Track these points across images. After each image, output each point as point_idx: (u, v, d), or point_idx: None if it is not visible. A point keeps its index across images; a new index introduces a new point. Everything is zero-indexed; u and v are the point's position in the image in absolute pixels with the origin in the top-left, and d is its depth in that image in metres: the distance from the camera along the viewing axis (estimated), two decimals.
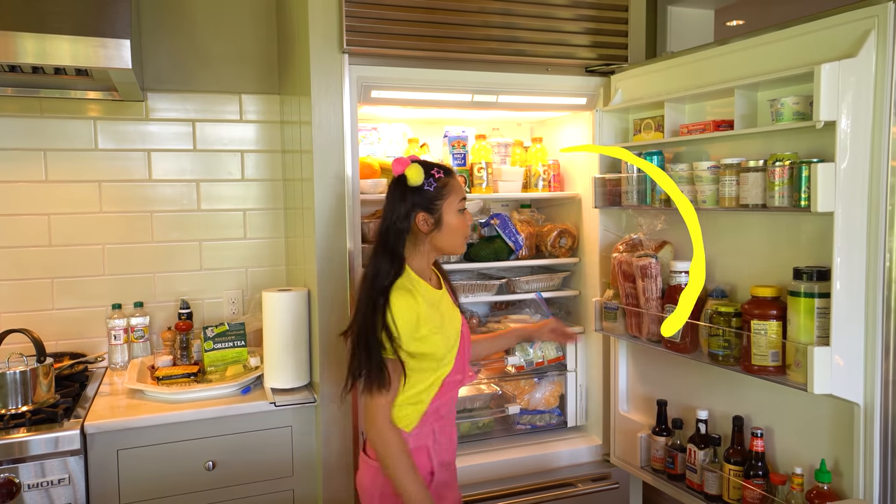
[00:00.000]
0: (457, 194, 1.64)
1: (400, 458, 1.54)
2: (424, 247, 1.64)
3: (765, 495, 1.71)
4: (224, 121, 2.52)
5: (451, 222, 1.62)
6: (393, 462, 1.53)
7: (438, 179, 1.62)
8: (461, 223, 1.64)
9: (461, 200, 1.65)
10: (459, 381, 1.69)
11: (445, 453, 1.68)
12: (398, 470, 1.53)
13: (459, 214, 1.64)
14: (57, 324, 2.37)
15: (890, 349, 1.48)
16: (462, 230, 1.65)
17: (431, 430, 1.64)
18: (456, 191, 1.64)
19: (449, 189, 1.63)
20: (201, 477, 1.96)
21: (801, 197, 1.51)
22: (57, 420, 1.85)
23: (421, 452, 1.62)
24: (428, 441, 1.63)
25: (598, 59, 2.23)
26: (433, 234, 1.62)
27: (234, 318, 2.53)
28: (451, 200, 1.62)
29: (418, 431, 1.62)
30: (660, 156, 2.00)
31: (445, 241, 1.64)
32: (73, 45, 1.84)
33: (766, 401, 1.79)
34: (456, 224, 1.63)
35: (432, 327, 1.59)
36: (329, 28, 1.96)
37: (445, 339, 1.62)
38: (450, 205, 1.62)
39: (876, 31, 1.43)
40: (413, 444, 1.61)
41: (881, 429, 1.49)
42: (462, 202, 1.65)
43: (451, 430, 1.71)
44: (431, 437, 1.64)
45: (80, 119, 2.36)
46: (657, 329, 1.96)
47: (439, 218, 1.61)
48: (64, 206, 2.36)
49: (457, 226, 1.63)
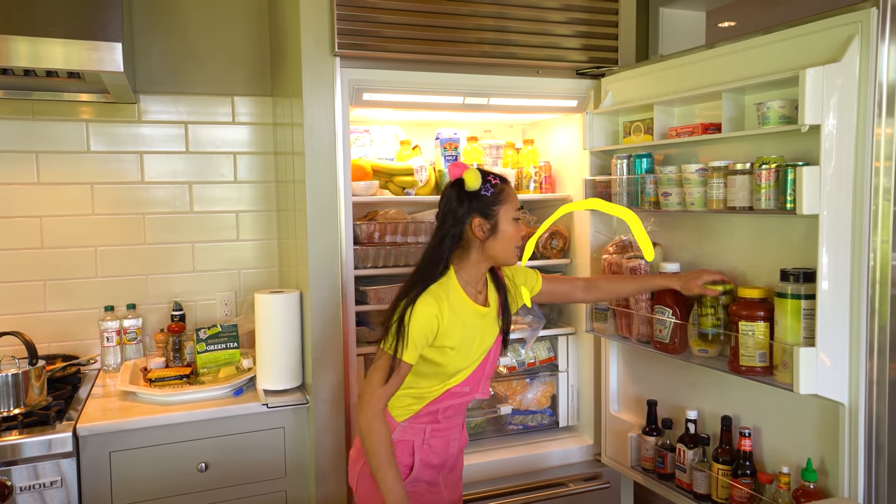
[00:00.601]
0: (512, 203, 1.62)
1: (382, 449, 1.56)
2: (476, 255, 1.62)
3: (752, 494, 1.73)
4: (216, 123, 2.52)
5: (506, 230, 1.60)
6: (375, 452, 1.56)
7: (495, 185, 1.60)
8: (516, 232, 1.61)
9: (517, 210, 1.63)
10: (467, 394, 1.67)
11: (435, 456, 1.67)
12: (379, 460, 1.55)
13: (514, 223, 1.62)
14: (49, 326, 2.37)
15: (874, 349, 1.50)
16: (516, 239, 1.62)
17: (422, 429, 1.65)
18: (511, 199, 1.62)
19: (505, 196, 1.61)
20: (194, 478, 1.97)
21: (787, 199, 1.53)
22: (49, 422, 1.85)
23: (405, 446, 1.64)
24: (416, 438, 1.64)
25: (589, 62, 2.24)
26: (488, 242, 1.60)
27: (227, 319, 2.54)
28: (507, 208, 1.60)
29: (408, 426, 1.64)
30: (649, 158, 2.01)
31: (499, 250, 1.61)
32: (65, 49, 1.84)
33: (754, 401, 1.81)
34: (511, 232, 1.60)
35: (451, 342, 1.58)
36: (320, 31, 1.97)
37: (462, 358, 1.62)
38: (506, 212, 1.60)
39: (859, 35, 1.45)
40: (399, 436, 1.63)
41: (865, 428, 1.51)
42: (518, 211, 1.63)
43: (448, 436, 1.69)
44: (421, 436, 1.65)
45: (73, 121, 2.36)
46: (647, 330, 1.98)
47: (495, 224, 1.59)
48: (56, 208, 2.36)
49: (511, 234, 1.60)
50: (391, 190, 2.34)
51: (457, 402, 1.67)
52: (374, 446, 1.56)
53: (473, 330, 1.63)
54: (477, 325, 1.63)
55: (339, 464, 2.06)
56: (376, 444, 1.56)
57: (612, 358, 2.30)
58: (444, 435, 1.68)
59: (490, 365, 1.71)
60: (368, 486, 1.64)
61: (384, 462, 1.55)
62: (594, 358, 2.38)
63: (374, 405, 1.56)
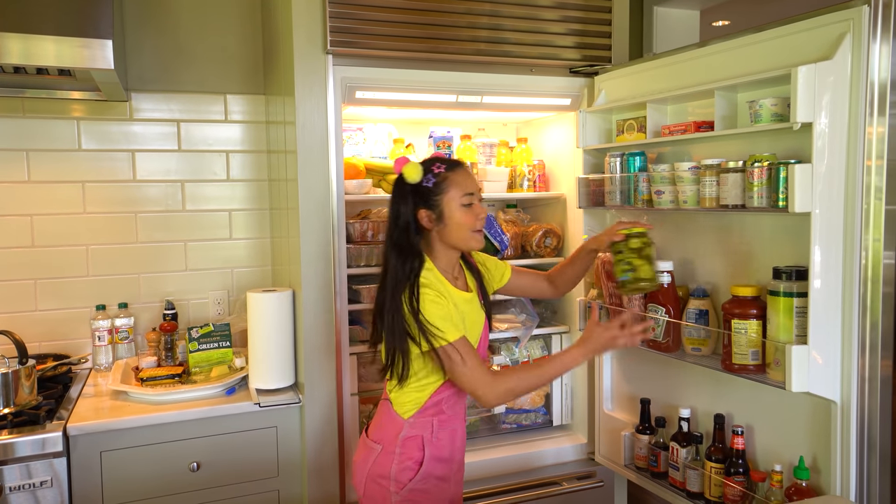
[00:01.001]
0: (458, 187, 1.60)
1: (527, 375, 1.60)
2: (438, 244, 1.64)
3: (745, 492, 1.73)
4: (209, 121, 2.51)
5: (453, 216, 1.60)
6: (530, 379, 1.59)
7: (438, 174, 1.60)
8: (465, 216, 1.60)
9: (466, 195, 1.60)
10: None
11: (444, 449, 1.68)
12: (539, 373, 1.60)
13: (463, 208, 1.60)
14: (40, 325, 2.35)
15: (866, 347, 1.50)
16: (466, 224, 1.60)
17: (430, 422, 1.65)
18: (457, 184, 1.60)
19: (449, 183, 1.60)
20: (186, 478, 1.96)
21: (780, 197, 1.53)
22: (39, 422, 1.84)
23: (414, 441, 1.64)
24: (424, 432, 1.65)
25: (582, 60, 2.24)
26: (439, 230, 1.61)
27: (220, 318, 2.53)
28: (451, 195, 1.59)
29: (415, 420, 1.64)
30: (642, 156, 2.01)
31: (453, 237, 1.62)
32: (56, 46, 1.83)
33: (747, 399, 1.81)
34: (458, 218, 1.60)
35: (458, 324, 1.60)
36: (313, 28, 1.96)
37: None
38: (451, 199, 1.59)
39: (851, 34, 1.45)
40: (407, 433, 1.64)
41: (857, 426, 1.51)
42: (467, 196, 1.61)
43: (453, 428, 1.70)
44: (429, 429, 1.66)
45: (64, 119, 2.35)
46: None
47: (441, 213, 1.60)
48: (47, 206, 2.34)
49: (460, 220, 1.60)
50: (384, 188, 2.33)
51: (458, 390, 1.68)
52: (526, 382, 1.59)
53: (466, 312, 1.65)
54: (467, 311, 1.65)
55: (331, 463, 2.05)
56: (523, 380, 1.59)
57: (606, 356, 2.30)
58: (450, 426, 1.69)
59: (482, 349, 1.73)
60: (376, 487, 1.64)
61: (541, 370, 1.59)
62: None
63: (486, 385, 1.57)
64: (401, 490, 1.62)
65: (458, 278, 1.70)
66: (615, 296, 2.06)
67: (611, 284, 2.07)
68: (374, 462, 1.65)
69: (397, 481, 1.63)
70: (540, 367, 1.60)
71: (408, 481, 1.62)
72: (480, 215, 1.63)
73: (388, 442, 1.65)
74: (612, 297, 2.08)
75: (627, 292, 1.81)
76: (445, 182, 1.60)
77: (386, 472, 1.63)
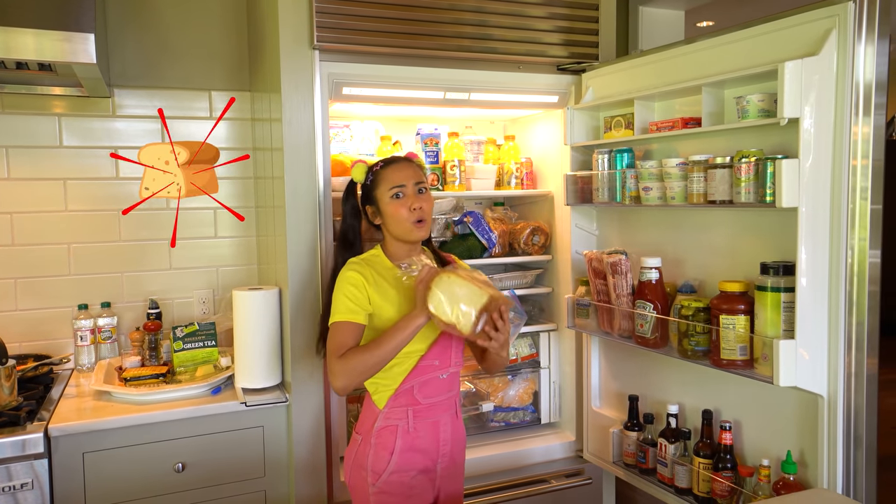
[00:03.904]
0: (387, 181, 1.69)
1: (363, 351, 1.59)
2: (387, 236, 1.75)
3: (733, 487, 1.74)
4: (194, 118, 2.48)
5: (386, 210, 1.70)
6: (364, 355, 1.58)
7: (375, 172, 1.72)
8: (395, 209, 1.68)
9: (392, 187, 1.68)
10: (437, 368, 1.68)
11: (423, 440, 1.67)
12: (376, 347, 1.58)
13: (393, 200, 1.68)
14: (21, 325, 2.31)
15: (852, 343, 1.51)
16: (397, 215, 1.68)
17: (404, 412, 1.66)
18: (386, 179, 1.70)
19: (380, 178, 1.71)
20: (171, 479, 1.93)
21: (767, 193, 1.54)
22: (20, 423, 1.80)
23: (388, 431, 1.65)
24: (399, 422, 1.66)
25: (570, 58, 2.24)
26: (384, 224, 1.73)
27: (205, 317, 2.50)
28: (382, 189, 1.70)
29: (390, 409, 1.66)
30: (630, 153, 2.02)
31: (393, 229, 1.71)
32: (37, 39, 1.79)
33: (735, 394, 1.82)
34: (390, 211, 1.69)
35: (389, 307, 1.65)
36: (299, 24, 1.94)
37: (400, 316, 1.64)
38: (382, 193, 1.70)
39: (837, 29, 1.46)
40: (382, 423, 1.66)
41: (844, 420, 1.52)
42: (394, 188, 1.68)
43: (434, 420, 1.69)
44: (404, 419, 1.66)
45: (44, 115, 2.30)
46: (629, 325, 1.98)
47: (378, 208, 1.72)
48: (27, 204, 2.30)
49: (391, 213, 1.69)
50: None
51: (430, 378, 1.68)
52: (360, 358, 1.58)
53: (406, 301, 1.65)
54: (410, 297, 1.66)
55: (318, 462, 2.03)
56: (357, 357, 1.58)
57: (594, 354, 2.30)
58: (430, 417, 1.69)
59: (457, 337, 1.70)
60: (357, 478, 1.68)
61: (378, 343, 1.58)
62: (576, 354, 2.38)
63: (332, 370, 1.61)
64: (376, 481, 1.64)
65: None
66: (603, 292, 2.07)
67: (598, 281, 2.07)
68: (355, 453, 1.69)
69: (373, 472, 1.65)
70: (379, 341, 1.59)
71: (381, 471, 1.64)
72: (413, 206, 1.68)
73: (366, 432, 1.68)
74: (600, 294, 2.08)
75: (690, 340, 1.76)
76: (377, 177, 1.72)
77: (364, 463, 1.66)
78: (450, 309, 1.56)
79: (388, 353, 1.58)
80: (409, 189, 1.69)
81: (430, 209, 1.73)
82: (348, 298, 1.64)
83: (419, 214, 1.68)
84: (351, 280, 1.65)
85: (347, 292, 1.64)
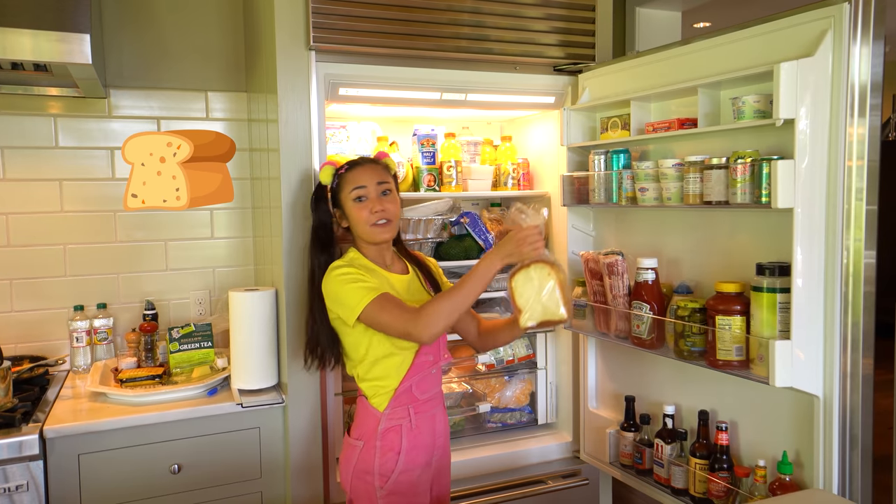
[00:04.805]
0: (349, 184, 1.67)
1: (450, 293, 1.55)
2: (357, 238, 1.72)
3: (729, 488, 1.74)
4: (190, 118, 2.47)
5: (349, 213, 1.69)
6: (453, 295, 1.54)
7: (340, 175, 1.70)
8: (356, 211, 1.67)
9: (353, 189, 1.67)
10: (432, 363, 1.70)
11: (423, 436, 1.69)
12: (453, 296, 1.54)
13: (355, 203, 1.67)
14: (16, 326, 2.30)
15: (848, 343, 1.51)
16: (360, 218, 1.66)
17: (406, 410, 1.67)
18: (349, 181, 1.68)
19: (344, 181, 1.69)
20: (166, 480, 1.93)
21: (763, 193, 1.54)
22: (15, 424, 1.79)
23: (393, 433, 1.65)
24: (402, 421, 1.66)
25: (566, 59, 2.25)
26: (352, 226, 1.70)
27: (201, 318, 2.49)
28: (346, 193, 1.68)
29: (392, 409, 1.65)
30: (626, 154, 2.02)
31: (359, 232, 1.69)
32: (32, 40, 1.79)
33: (731, 395, 1.82)
34: (354, 215, 1.68)
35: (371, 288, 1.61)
36: (296, 24, 1.94)
37: None
38: (346, 196, 1.68)
39: (832, 30, 1.46)
40: (385, 425, 1.65)
41: (839, 420, 1.52)
42: (356, 190, 1.67)
43: (432, 414, 1.71)
44: (407, 418, 1.67)
45: (40, 116, 2.30)
46: (625, 325, 1.98)
47: (343, 211, 1.70)
48: (23, 205, 2.30)
49: (354, 216, 1.68)
50: None
51: (426, 374, 1.69)
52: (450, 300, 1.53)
53: (401, 292, 1.66)
54: (402, 290, 1.68)
55: (315, 464, 2.03)
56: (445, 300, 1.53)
57: (591, 354, 2.30)
58: (428, 412, 1.71)
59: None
60: (361, 483, 1.66)
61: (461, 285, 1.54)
62: (573, 355, 2.38)
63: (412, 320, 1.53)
64: (385, 483, 1.64)
65: (391, 265, 1.75)
66: (599, 293, 2.07)
67: (595, 282, 2.07)
68: (357, 459, 1.66)
69: (381, 475, 1.64)
70: (459, 284, 1.56)
71: (390, 473, 1.64)
72: (374, 209, 1.66)
73: (369, 437, 1.66)
74: (597, 295, 2.08)
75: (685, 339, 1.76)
76: (342, 180, 1.69)
77: (370, 468, 1.64)
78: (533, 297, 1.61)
79: (470, 295, 1.54)
80: (371, 191, 1.67)
81: (396, 209, 1.70)
82: (361, 281, 1.59)
83: (381, 216, 1.66)
84: (348, 271, 1.61)
85: (355, 277, 1.60)
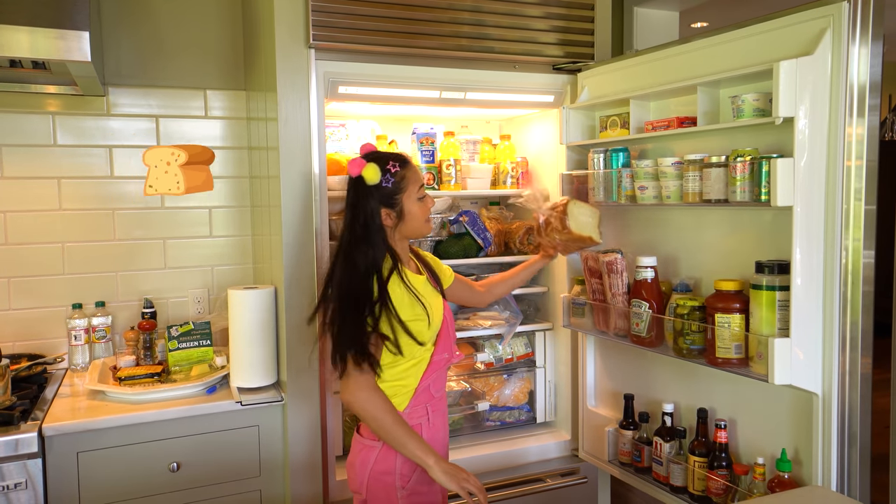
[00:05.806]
0: (414, 184, 1.68)
1: (385, 416, 1.57)
2: (395, 235, 1.69)
3: (728, 486, 1.74)
4: (189, 117, 2.47)
5: (411, 211, 1.67)
6: (379, 422, 1.57)
7: (395, 174, 1.65)
8: (422, 210, 1.69)
9: (420, 188, 1.68)
10: (447, 360, 1.73)
11: (438, 432, 1.71)
12: (387, 428, 1.57)
13: (419, 202, 1.68)
14: (14, 325, 2.30)
15: (847, 341, 1.52)
16: (423, 215, 1.69)
17: (425, 408, 1.68)
18: (413, 181, 1.68)
19: (406, 181, 1.67)
20: (165, 479, 1.93)
21: (762, 191, 1.54)
22: (13, 422, 1.79)
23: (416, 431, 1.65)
24: (422, 419, 1.67)
25: (566, 57, 2.25)
26: (399, 226, 1.68)
27: (200, 317, 2.49)
28: (409, 192, 1.67)
29: (412, 409, 1.66)
30: (626, 152, 2.02)
31: (410, 229, 1.69)
32: (31, 37, 1.78)
33: (730, 393, 1.82)
34: (417, 212, 1.68)
35: (420, 310, 1.63)
36: (295, 22, 1.94)
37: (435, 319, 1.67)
38: (409, 196, 1.67)
39: (831, 29, 1.47)
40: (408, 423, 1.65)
41: (838, 418, 1.53)
42: (421, 189, 1.69)
43: (443, 415, 1.75)
44: (425, 416, 1.68)
45: (38, 114, 2.29)
46: (624, 324, 1.99)
47: (401, 210, 1.66)
48: (21, 203, 2.29)
49: (417, 213, 1.68)
50: None
51: (441, 372, 1.72)
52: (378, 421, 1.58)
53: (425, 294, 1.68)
54: (424, 292, 1.70)
55: (314, 461, 2.03)
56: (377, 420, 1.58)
57: (590, 353, 2.30)
58: (442, 409, 1.74)
59: (451, 328, 1.76)
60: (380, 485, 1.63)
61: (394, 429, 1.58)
62: (571, 353, 2.38)
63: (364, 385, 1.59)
64: (407, 483, 1.63)
65: (408, 264, 1.76)
66: (598, 291, 2.07)
67: (594, 281, 2.07)
68: (375, 460, 1.63)
69: (402, 475, 1.63)
70: (399, 426, 1.58)
71: (412, 472, 1.63)
72: (432, 205, 1.73)
73: None
74: (596, 293, 2.08)
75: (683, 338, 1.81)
76: (403, 181, 1.66)
77: (390, 468, 1.63)
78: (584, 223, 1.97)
79: (391, 440, 1.58)
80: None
81: None
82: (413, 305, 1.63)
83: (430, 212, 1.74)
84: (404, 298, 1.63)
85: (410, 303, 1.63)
